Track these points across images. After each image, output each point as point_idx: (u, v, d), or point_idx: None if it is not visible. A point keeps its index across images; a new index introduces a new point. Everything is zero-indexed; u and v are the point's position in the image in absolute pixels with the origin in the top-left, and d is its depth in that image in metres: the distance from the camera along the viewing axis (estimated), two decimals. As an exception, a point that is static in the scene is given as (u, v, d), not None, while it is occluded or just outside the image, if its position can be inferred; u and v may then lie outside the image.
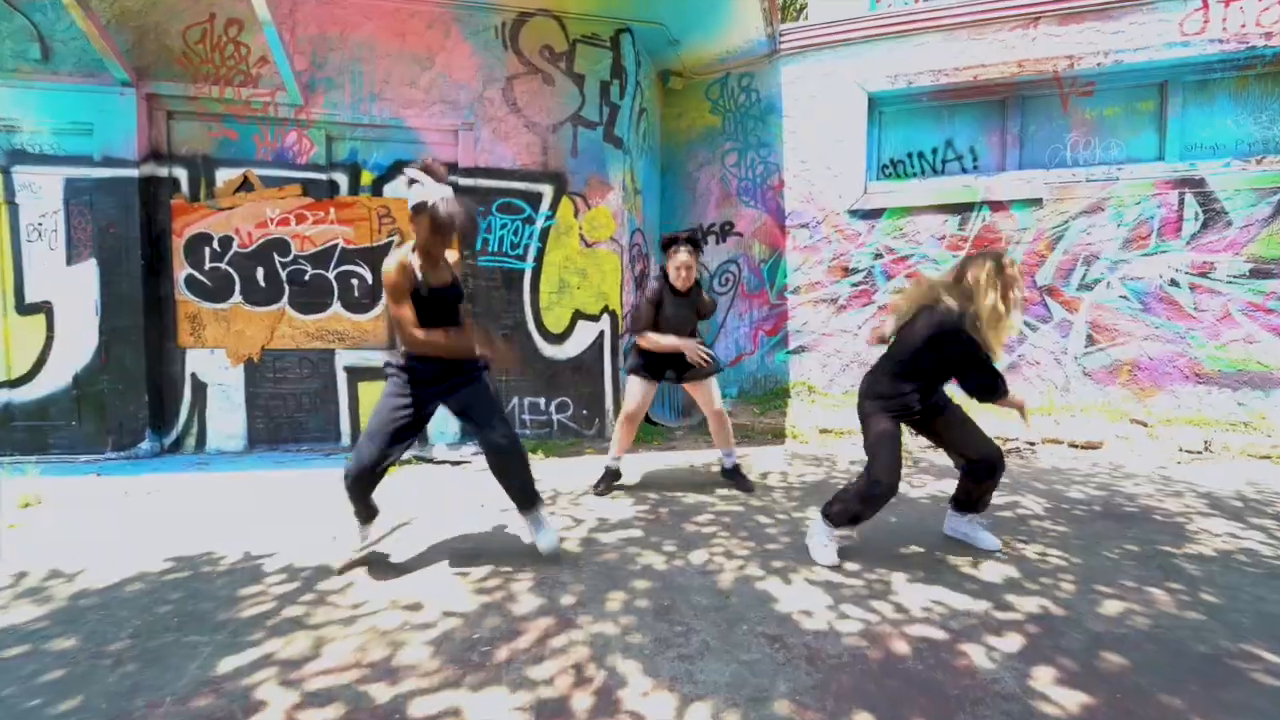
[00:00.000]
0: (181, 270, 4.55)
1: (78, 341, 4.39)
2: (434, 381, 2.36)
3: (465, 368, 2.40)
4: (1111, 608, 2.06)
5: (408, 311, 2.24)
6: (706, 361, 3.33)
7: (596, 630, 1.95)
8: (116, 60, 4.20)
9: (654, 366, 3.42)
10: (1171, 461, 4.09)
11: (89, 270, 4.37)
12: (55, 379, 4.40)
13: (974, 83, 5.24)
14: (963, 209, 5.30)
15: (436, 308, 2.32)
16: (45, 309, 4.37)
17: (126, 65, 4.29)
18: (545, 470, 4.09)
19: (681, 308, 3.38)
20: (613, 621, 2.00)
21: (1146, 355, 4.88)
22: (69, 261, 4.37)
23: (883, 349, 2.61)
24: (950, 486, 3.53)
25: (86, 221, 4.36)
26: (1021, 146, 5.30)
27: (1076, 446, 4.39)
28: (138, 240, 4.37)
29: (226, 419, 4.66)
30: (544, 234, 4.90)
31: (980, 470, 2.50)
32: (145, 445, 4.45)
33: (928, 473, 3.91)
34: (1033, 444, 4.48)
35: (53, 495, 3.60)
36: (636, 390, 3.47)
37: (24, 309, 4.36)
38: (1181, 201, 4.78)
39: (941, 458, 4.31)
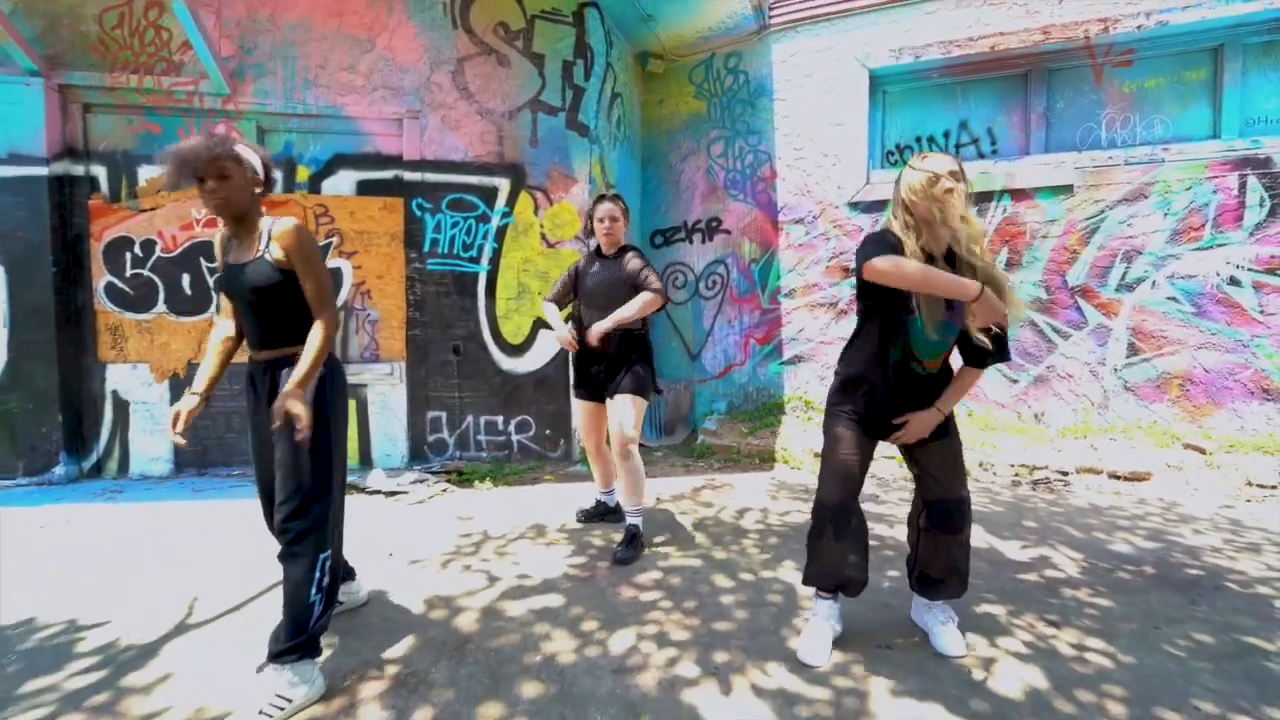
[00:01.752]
0: (101, 277, 4.13)
1: (-17, 357, 4.00)
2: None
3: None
4: (1183, 751, 1.43)
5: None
6: (597, 347, 2.65)
7: (435, 778, 1.39)
8: (19, 47, 3.80)
9: (584, 377, 2.84)
10: (1238, 499, 3.37)
11: (-4, 279, 3.97)
12: (-39, 398, 4.00)
13: (991, 54, 4.58)
14: (980, 199, 4.62)
15: (229, 292, 1.80)
16: (-50, 322, 3.98)
17: (33, 53, 3.89)
18: (487, 503, 3.55)
19: (604, 272, 2.73)
20: (464, 761, 1.44)
21: (1201, 367, 4.15)
22: (-27, 270, 3.98)
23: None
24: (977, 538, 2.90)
25: (-10, 225, 3.97)
26: (1048, 126, 4.61)
27: (1118, 477, 3.70)
28: (48, 244, 3.96)
29: (150, 441, 4.22)
30: (500, 233, 4.38)
31: (936, 517, 1.83)
32: (60, 470, 4.03)
33: (935, 511, 3.26)
34: (1065, 474, 3.79)
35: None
36: (578, 413, 2.92)
37: (-73, 322, 3.97)
38: (1243, 185, 4.05)
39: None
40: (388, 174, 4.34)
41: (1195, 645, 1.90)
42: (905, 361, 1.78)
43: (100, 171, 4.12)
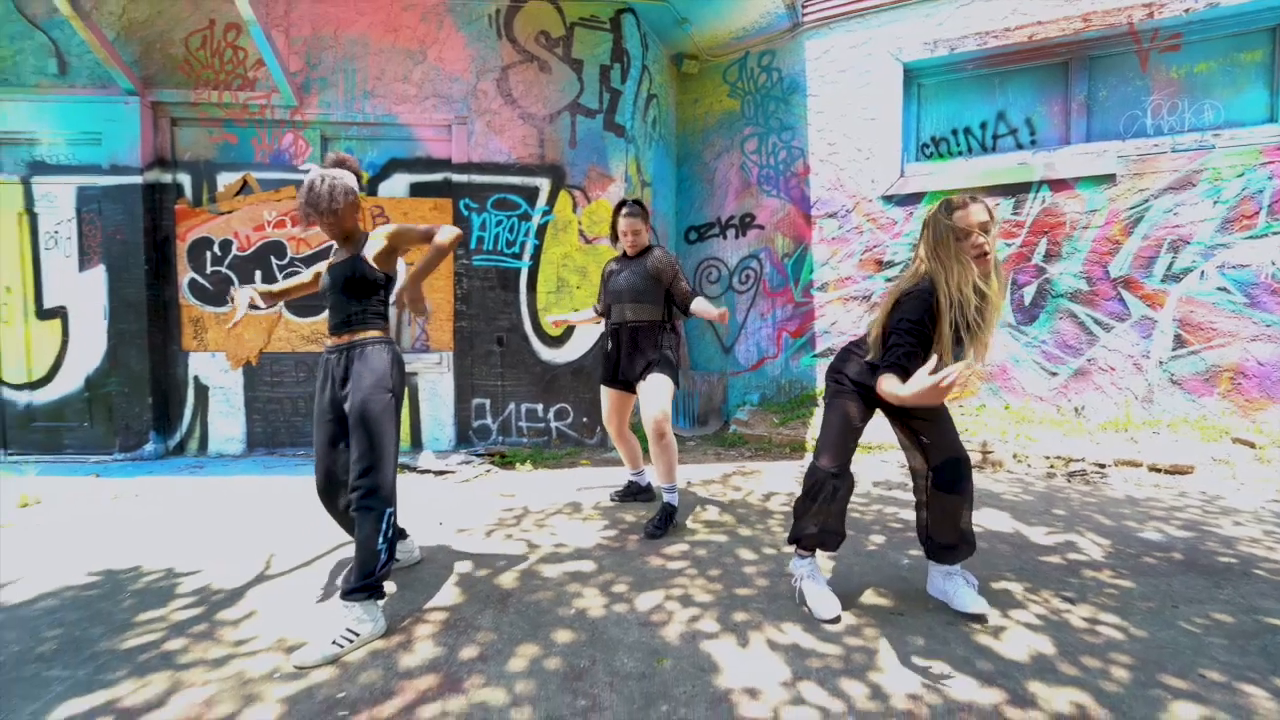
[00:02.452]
0: (185, 274, 4.58)
1: (89, 345, 4.50)
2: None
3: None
4: (1182, 714, 1.49)
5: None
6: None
7: (481, 698, 1.59)
8: (121, 70, 4.27)
9: (611, 367, 3.02)
10: (1287, 493, 3.27)
11: (99, 276, 4.47)
12: (70, 381, 4.52)
13: (1029, 44, 4.53)
14: (1018, 190, 4.58)
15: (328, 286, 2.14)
16: (61, 314, 4.51)
17: (132, 75, 4.36)
18: (527, 483, 3.79)
19: (628, 269, 2.93)
20: (506, 687, 1.63)
21: (1254, 359, 4.00)
22: (81, 268, 4.48)
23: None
24: (993, 518, 2.94)
25: (96, 229, 4.47)
26: (1089, 115, 4.53)
27: (1159, 470, 3.62)
28: (141, 246, 4.43)
29: (227, 422, 4.66)
30: (541, 231, 4.62)
31: (940, 478, 1.93)
32: (150, 447, 4.50)
33: (963, 499, 3.29)
34: (1102, 467, 3.74)
35: (52, 496, 3.64)
36: (605, 399, 3.10)
37: (43, 314, 4.50)
38: (1301, 171, 3.90)
39: (981, 480, 3.67)
40: (438, 176, 4.64)
41: (1212, 623, 1.93)
42: None
43: (185, 179, 4.57)
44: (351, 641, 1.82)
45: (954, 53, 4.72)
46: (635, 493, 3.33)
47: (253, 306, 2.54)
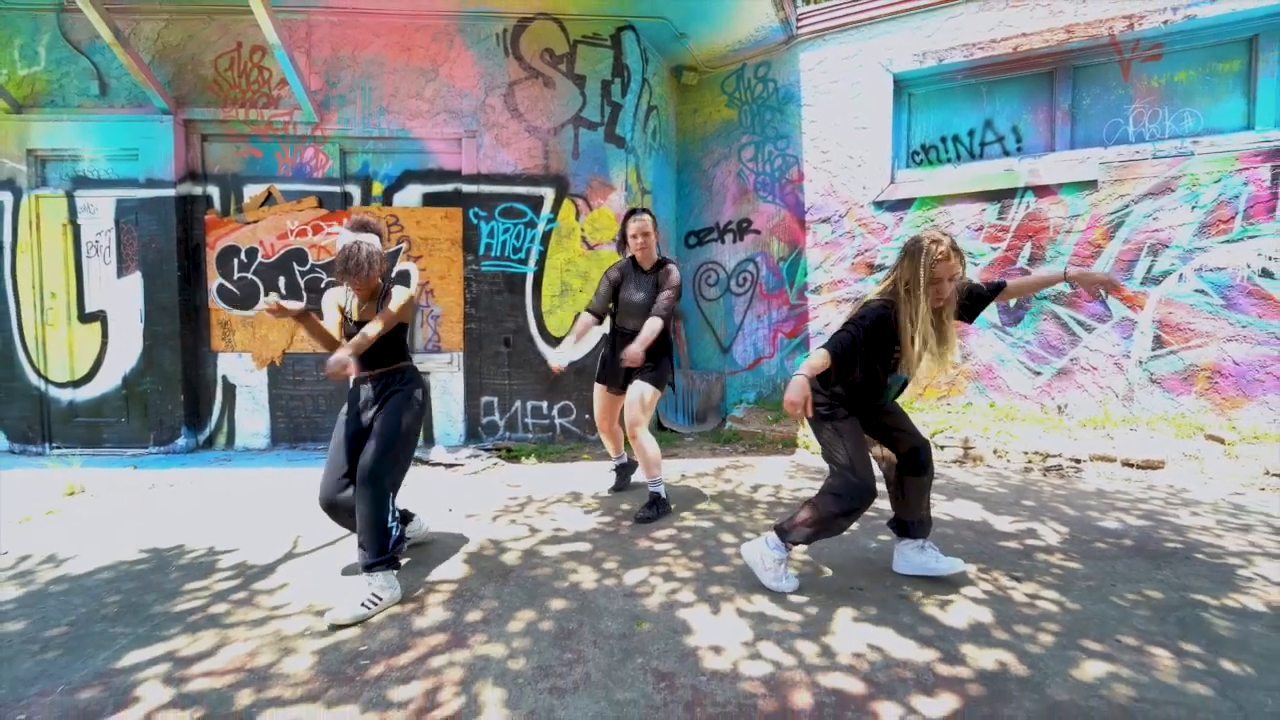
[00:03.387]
0: (214, 280, 4.90)
1: (127, 346, 4.84)
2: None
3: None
4: (1091, 670, 1.71)
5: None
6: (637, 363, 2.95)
7: (483, 652, 1.84)
8: (155, 90, 4.59)
9: (609, 369, 3.24)
10: (1251, 487, 3.43)
11: (135, 282, 4.80)
12: (109, 380, 4.86)
13: (1014, 55, 4.70)
14: (1003, 196, 4.75)
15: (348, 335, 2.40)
16: (101, 317, 4.85)
17: (166, 95, 4.68)
18: (532, 475, 4.05)
19: (644, 288, 3.09)
20: (505, 643, 1.89)
21: (1230, 359, 4.15)
22: (119, 274, 4.83)
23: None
24: (964, 508, 3.14)
25: (133, 238, 4.80)
26: (1073, 123, 4.69)
27: (1132, 465, 3.79)
28: (174, 253, 4.76)
29: (252, 418, 4.97)
30: (545, 237, 4.88)
31: (910, 464, 2.23)
32: (181, 441, 4.83)
33: (941, 491, 3.50)
34: (1078, 462, 3.92)
35: (94, 485, 3.96)
36: (596, 397, 3.33)
37: (84, 317, 4.85)
38: (1276, 176, 4.04)
39: (960, 474, 3.86)
40: (448, 187, 4.92)
41: (1141, 599, 2.13)
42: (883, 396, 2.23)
43: (214, 191, 4.90)
44: (377, 604, 2.09)
45: (942, 63, 4.90)
46: (624, 472, 3.57)
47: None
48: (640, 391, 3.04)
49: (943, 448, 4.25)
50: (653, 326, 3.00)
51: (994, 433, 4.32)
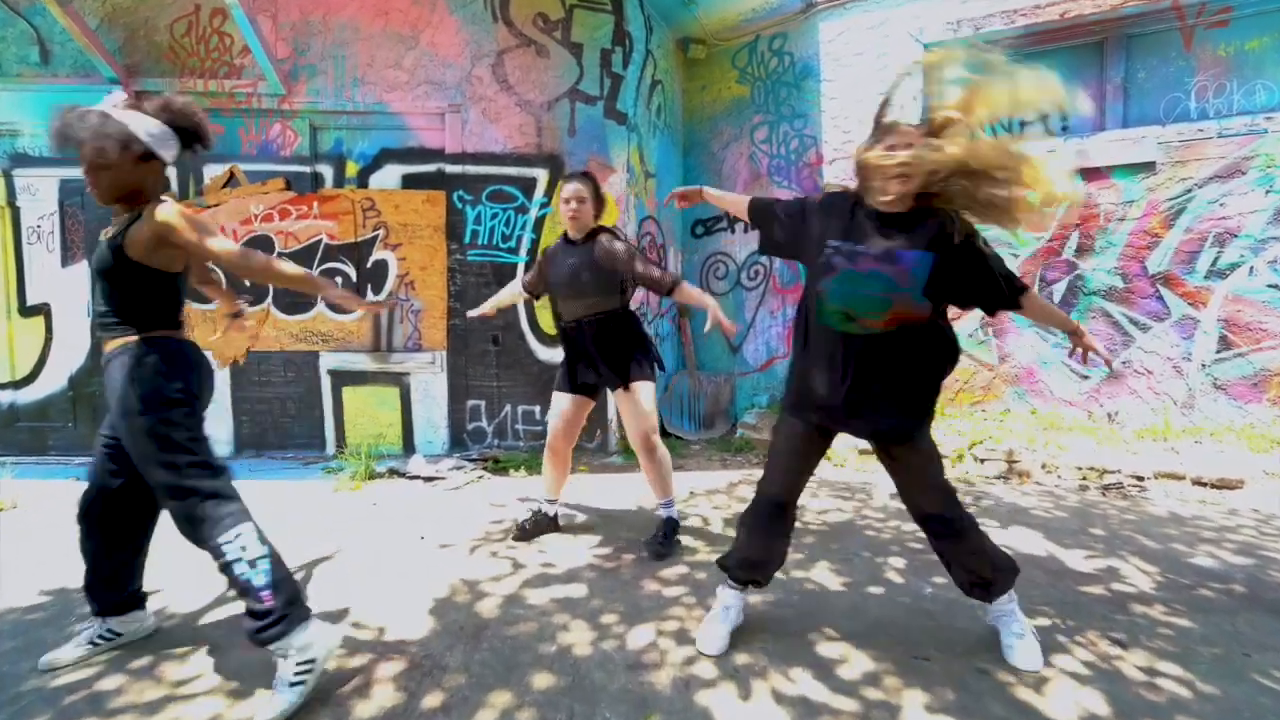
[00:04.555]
0: (171, 271, 4.41)
1: (73, 343, 4.36)
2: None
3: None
4: (1270, 795, 1.24)
5: None
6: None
7: (439, 762, 1.38)
8: (103, 58, 4.10)
9: (571, 370, 2.64)
10: (1351, 511, 2.97)
11: (82, 271, 4.31)
12: (53, 381, 4.38)
13: (1061, 22, 4.21)
14: (1047, 180, 4.27)
15: None
16: (44, 310, 4.36)
17: (115, 63, 4.19)
18: (520, 491, 3.58)
19: (570, 258, 2.48)
20: (469, 747, 1.42)
21: (1309, 363, 3.69)
22: (64, 263, 4.34)
23: None
24: (1024, 538, 2.67)
25: (79, 223, 4.32)
26: (1126, 98, 4.21)
27: (1204, 484, 3.33)
28: (125, 240, 4.26)
29: (214, 422, 4.48)
30: (538, 224, 4.40)
31: (932, 530, 1.72)
32: (135, 450, 4.35)
33: (991, 514, 3.03)
34: (1141, 480, 3.46)
35: (27, 499, 3.49)
36: (555, 406, 2.68)
37: (26, 310, 4.37)
38: (1364, 157, 3.57)
39: (1006, 492, 3.40)
40: (430, 167, 4.43)
41: (1291, 676, 1.66)
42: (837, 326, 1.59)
43: (170, 171, 4.39)
44: (305, 681, 1.60)
45: (979, 32, 4.41)
46: (544, 526, 2.79)
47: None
48: (649, 391, 2.53)
49: (983, 461, 3.79)
50: (688, 290, 2.42)
51: (1040, 444, 3.86)
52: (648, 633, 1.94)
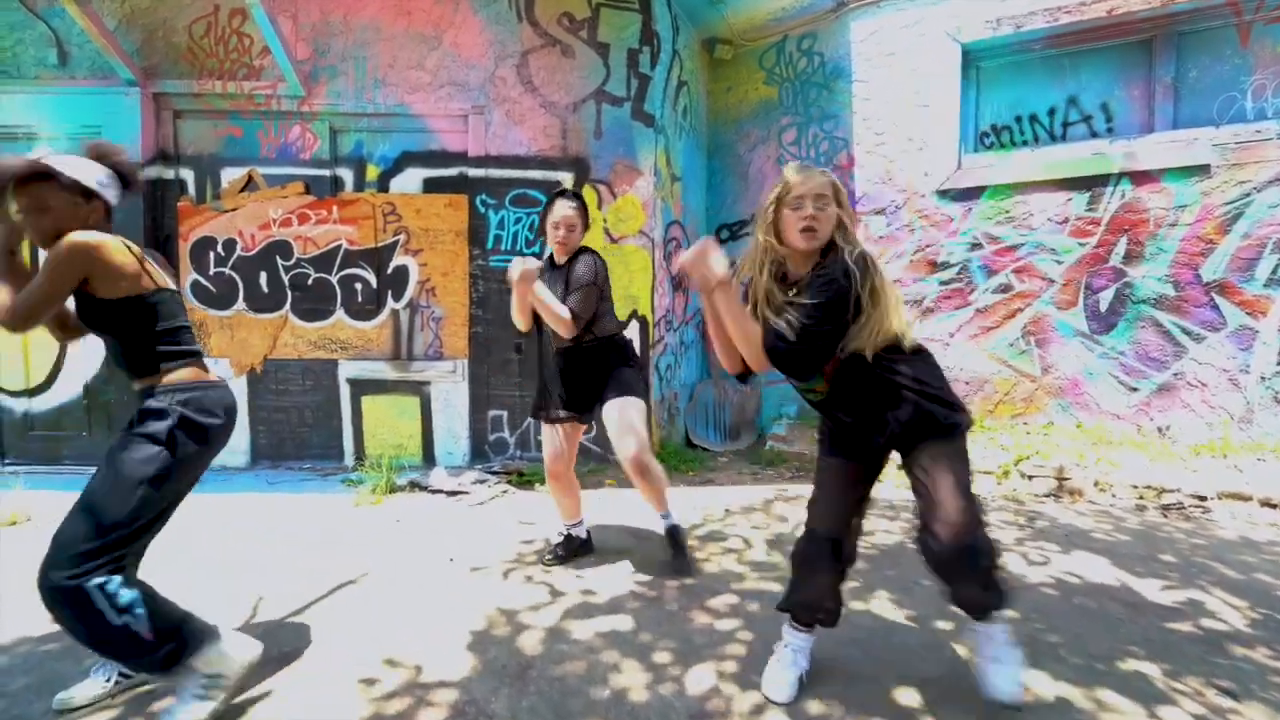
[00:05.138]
0: (188, 276, 4.31)
1: (88, 351, 4.26)
2: None
3: None
4: None
5: None
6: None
7: (497, 835, 1.23)
8: (121, 60, 4.01)
9: (543, 395, 2.55)
10: None
11: (97, 278, 4.21)
12: (68, 389, 4.29)
13: (1108, 19, 4.05)
14: (1093, 183, 4.11)
15: None
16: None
17: (133, 64, 4.10)
18: (549, 507, 3.43)
19: (550, 283, 2.35)
20: (529, 816, 1.27)
21: (1378, 376, 3.50)
22: (79, 269, 4.24)
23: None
24: (1089, 565, 2.50)
25: (95, 228, 4.21)
26: (1177, 98, 4.04)
27: (1273, 506, 3.15)
28: (142, 245, 4.16)
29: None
30: (563, 229, 4.26)
31: (926, 547, 1.46)
32: (150, 460, 4.24)
33: (1049, 536, 2.87)
34: (1203, 500, 3.27)
35: (42, 512, 3.38)
36: (547, 437, 2.57)
37: (40, 318, 4.27)
38: None
39: (1060, 512, 3.23)
40: (452, 171, 4.32)
41: None
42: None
43: (188, 174, 4.31)
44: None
45: (1020, 31, 4.26)
46: (576, 548, 2.67)
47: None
48: (619, 409, 2.35)
49: (1030, 478, 3.62)
50: (557, 310, 2.26)
51: (1091, 460, 3.68)
52: (707, 675, 1.79)
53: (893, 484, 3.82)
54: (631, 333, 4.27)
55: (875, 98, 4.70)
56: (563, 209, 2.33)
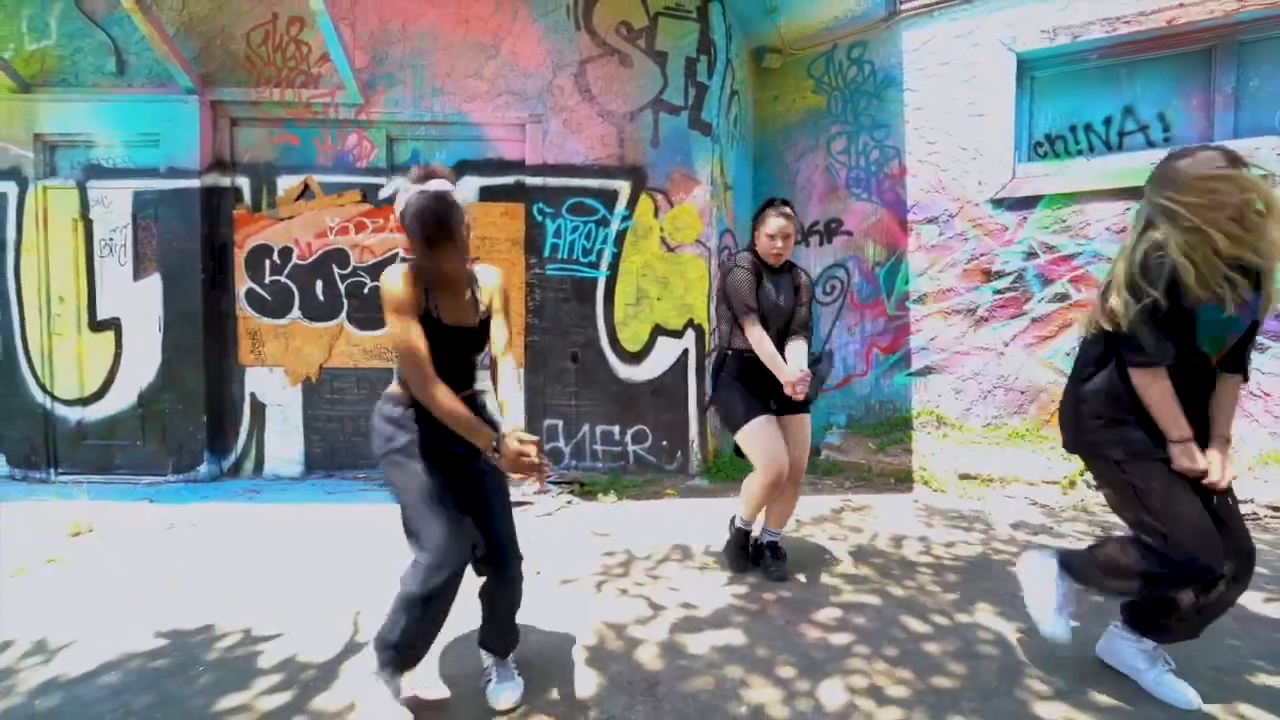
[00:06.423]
0: (243, 284, 4.31)
1: (143, 359, 4.25)
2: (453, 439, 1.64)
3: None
4: None
5: (418, 339, 1.57)
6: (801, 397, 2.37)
7: None
8: (179, 65, 4.02)
9: (758, 389, 2.47)
10: None
11: (154, 285, 4.22)
12: (122, 397, 4.28)
13: (1168, 29, 4.05)
14: (1143, 195, 4.08)
15: (449, 353, 1.65)
16: (114, 325, 4.27)
17: (191, 72, 4.11)
18: (616, 518, 3.42)
19: (781, 286, 2.50)
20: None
21: None
22: (135, 277, 4.25)
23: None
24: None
25: (152, 235, 4.23)
26: (1237, 108, 4.02)
27: (1356, 518, 3.12)
28: (198, 253, 4.17)
29: (284, 442, 4.37)
30: (620, 237, 4.27)
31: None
32: (204, 468, 4.23)
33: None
34: (1277, 510, 3.24)
35: (103, 523, 3.37)
36: (764, 434, 2.38)
37: (96, 326, 4.27)
38: None
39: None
40: (509, 179, 4.32)
41: None
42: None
43: (244, 182, 4.31)
44: None
45: (1077, 41, 4.25)
46: (775, 555, 2.60)
47: None
48: (808, 426, 2.63)
49: (1098, 488, 3.58)
50: (803, 349, 2.51)
51: (1160, 471, 3.64)
52: (837, 689, 1.76)
53: (956, 494, 3.80)
54: (687, 340, 4.27)
55: (927, 107, 4.70)
56: (778, 221, 2.43)
